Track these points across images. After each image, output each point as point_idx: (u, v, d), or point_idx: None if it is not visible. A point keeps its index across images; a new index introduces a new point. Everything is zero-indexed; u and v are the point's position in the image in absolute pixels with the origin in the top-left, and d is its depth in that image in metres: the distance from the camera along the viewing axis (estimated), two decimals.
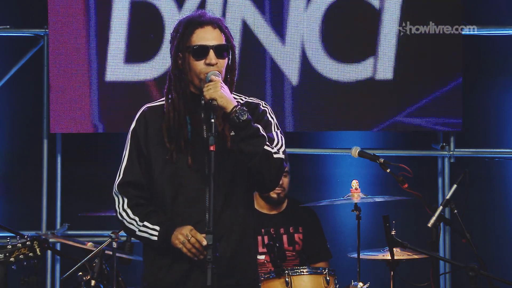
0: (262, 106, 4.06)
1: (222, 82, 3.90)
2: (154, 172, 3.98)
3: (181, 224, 3.89)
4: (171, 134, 3.96)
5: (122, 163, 4.03)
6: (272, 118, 4.03)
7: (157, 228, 3.91)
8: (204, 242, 3.76)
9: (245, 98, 4.09)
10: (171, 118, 3.97)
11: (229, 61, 4.01)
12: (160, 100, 4.08)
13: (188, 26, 3.97)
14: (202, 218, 3.87)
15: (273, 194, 6.40)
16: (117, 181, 4.01)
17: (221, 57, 3.96)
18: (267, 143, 3.87)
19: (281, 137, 3.98)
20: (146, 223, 3.93)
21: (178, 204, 3.94)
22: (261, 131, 3.88)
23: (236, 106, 3.83)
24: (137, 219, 3.96)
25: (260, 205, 6.47)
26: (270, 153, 3.87)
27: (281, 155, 3.91)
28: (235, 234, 3.95)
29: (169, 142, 3.95)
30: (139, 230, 3.94)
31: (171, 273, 3.95)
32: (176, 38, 3.98)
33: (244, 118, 3.82)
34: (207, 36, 3.95)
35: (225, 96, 3.84)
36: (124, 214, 3.98)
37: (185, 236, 3.83)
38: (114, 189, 4.01)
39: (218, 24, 4.00)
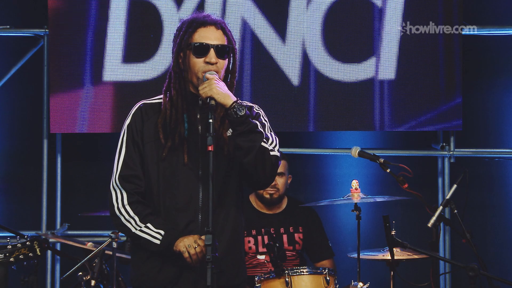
0: (256, 109, 4.08)
1: (217, 79, 3.89)
2: (148, 169, 3.97)
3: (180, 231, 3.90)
4: (167, 131, 3.97)
5: (119, 157, 4.01)
6: (265, 120, 4.06)
7: (161, 232, 3.89)
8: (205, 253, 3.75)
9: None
10: (168, 115, 3.97)
11: (230, 64, 4.02)
12: (156, 97, 4.09)
13: (191, 25, 3.99)
14: (195, 219, 3.90)
15: (266, 195, 6.39)
16: (116, 174, 3.98)
17: (221, 57, 3.97)
18: (264, 140, 3.89)
19: (275, 137, 3.99)
20: (149, 225, 3.91)
21: (171, 203, 3.94)
22: (259, 128, 3.90)
23: (235, 102, 3.84)
24: (136, 218, 3.93)
25: (260, 205, 6.47)
26: (267, 149, 3.89)
27: (276, 153, 3.93)
28: (226, 234, 3.97)
29: (164, 139, 3.95)
30: (140, 231, 3.92)
31: (163, 272, 3.95)
32: (179, 37, 3.99)
33: (242, 113, 3.84)
34: (209, 36, 3.97)
35: (221, 92, 3.84)
36: (123, 210, 3.95)
37: (193, 242, 3.82)
38: (113, 182, 3.98)
39: (221, 25, 4.02)
